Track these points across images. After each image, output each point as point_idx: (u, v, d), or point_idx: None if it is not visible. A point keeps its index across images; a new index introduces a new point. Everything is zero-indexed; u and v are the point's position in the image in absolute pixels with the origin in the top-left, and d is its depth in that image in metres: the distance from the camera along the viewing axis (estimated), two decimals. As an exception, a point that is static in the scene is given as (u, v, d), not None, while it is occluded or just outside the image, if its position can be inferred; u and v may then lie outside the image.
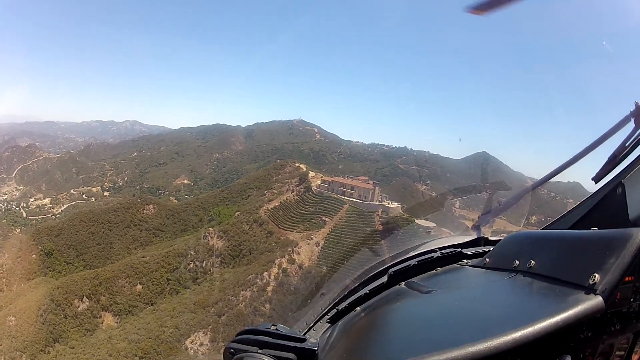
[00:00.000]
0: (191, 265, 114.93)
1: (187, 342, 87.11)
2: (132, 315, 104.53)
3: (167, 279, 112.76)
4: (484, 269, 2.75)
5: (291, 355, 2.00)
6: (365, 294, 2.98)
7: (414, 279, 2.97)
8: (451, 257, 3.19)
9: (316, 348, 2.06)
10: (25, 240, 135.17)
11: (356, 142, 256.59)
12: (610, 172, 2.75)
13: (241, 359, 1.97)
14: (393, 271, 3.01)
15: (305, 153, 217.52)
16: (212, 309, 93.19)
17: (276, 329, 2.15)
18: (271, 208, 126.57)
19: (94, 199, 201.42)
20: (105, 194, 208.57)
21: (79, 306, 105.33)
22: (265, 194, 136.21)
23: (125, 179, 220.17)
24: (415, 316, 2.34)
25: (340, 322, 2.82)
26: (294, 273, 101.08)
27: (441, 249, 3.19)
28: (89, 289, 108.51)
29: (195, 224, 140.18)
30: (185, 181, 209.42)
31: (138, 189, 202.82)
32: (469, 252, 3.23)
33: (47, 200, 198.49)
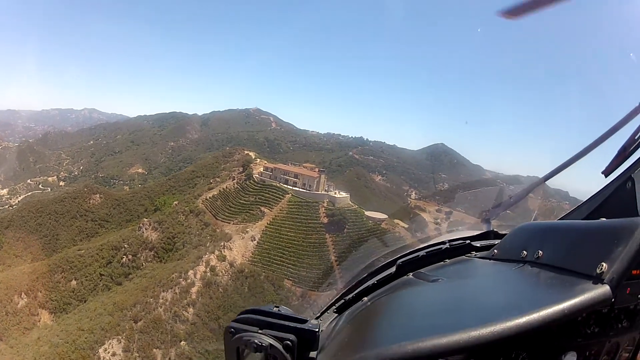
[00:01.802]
0: (124, 259, 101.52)
1: (100, 351, 73.57)
2: (66, 313, 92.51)
3: (100, 274, 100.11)
4: (492, 260, 2.60)
5: (291, 336, 1.98)
6: (372, 284, 2.84)
7: (422, 270, 2.82)
8: (460, 248, 3.02)
9: (317, 329, 2.04)
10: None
11: (312, 131, 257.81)
12: (620, 165, 2.65)
13: (241, 338, 1.97)
14: (401, 262, 2.87)
15: (260, 142, 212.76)
16: (130, 312, 79.50)
17: (278, 310, 2.14)
18: (210, 197, 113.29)
19: (50, 189, 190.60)
20: (61, 183, 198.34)
21: (18, 303, 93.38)
22: (212, 183, 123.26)
23: (81, 168, 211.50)
24: (420, 303, 2.30)
25: (346, 312, 2.73)
26: (223, 272, 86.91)
27: (450, 241, 3.03)
28: (27, 285, 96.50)
29: (141, 214, 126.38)
30: (140, 170, 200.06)
31: (93, 178, 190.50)
32: (478, 245, 3.06)
33: (5, 191, 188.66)
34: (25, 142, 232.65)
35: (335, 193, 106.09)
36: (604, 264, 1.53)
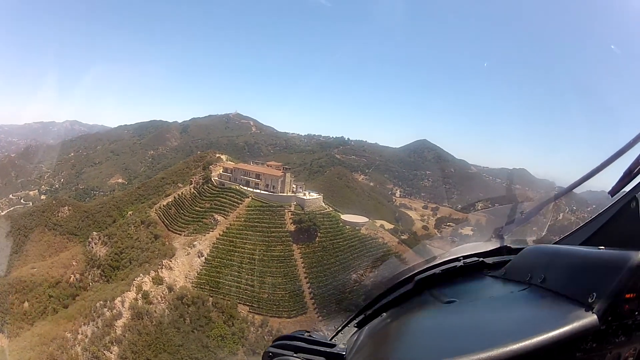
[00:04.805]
0: (71, 279, 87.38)
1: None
2: (19, 337, 77.37)
3: (49, 295, 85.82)
4: (501, 280, 2.74)
5: (321, 359, 2.22)
6: (391, 300, 3.05)
7: (438, 288, 2.99)
8: (473, 266, 3.14)
9: (344, 352, 2.28)
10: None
11: (293, 134, 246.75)
12: (626, 185, 2.70)
13: None
14: (419, 279, 3.05)
15: (240, 146, 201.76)
16: (48, 348, 64.76)
17: (309, 335, 2.41)
18: (164, 205, 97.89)
19: (31, 203, 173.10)
20: (42, 197, 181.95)
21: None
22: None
23: (62, 180, 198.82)
24: (434, 326, 2.42)
25: (366, 327, 2.89)
26: (159, 299, 71.13)
27: (465, 257, 3.18)
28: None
29: (109, 225, 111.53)
30: (120, 180, 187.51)
31: (74, 191, 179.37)
32: (490, 262, 3.17)
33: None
34: (7, 157, 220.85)
35: (304, 194, 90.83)
36: (595, 294, 1.64)
